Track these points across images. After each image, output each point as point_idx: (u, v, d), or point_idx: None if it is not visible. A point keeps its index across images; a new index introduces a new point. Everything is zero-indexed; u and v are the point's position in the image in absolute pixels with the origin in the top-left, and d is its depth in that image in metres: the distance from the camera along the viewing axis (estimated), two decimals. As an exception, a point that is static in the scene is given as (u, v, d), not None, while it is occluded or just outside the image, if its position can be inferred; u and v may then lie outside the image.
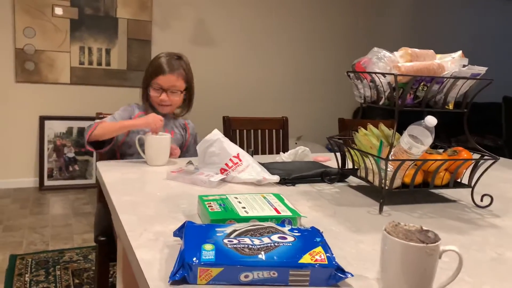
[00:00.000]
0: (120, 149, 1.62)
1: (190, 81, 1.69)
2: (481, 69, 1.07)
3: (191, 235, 0.71)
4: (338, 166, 1.27)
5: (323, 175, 1.28)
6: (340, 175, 1.28)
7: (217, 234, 0.70)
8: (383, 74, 1.04)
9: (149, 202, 1.01)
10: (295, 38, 4.33)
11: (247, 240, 0.69)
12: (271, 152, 2.25)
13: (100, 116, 1.82)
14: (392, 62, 1.07)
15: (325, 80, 4.51)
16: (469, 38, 5.13)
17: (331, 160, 1.55)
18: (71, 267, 2.19)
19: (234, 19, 4.04)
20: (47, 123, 3.53)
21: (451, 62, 1.08)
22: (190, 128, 1.79)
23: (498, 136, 3.85)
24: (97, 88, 3.66)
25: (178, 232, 0.77)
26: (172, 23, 3.83)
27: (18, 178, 3.51)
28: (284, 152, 1.60)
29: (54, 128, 3.55)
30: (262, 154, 2.23)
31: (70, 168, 3.62)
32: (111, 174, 1.26)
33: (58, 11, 3.43)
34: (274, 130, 2.29)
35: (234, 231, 0.72)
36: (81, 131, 3.63)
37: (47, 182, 3.53)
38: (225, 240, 0.68)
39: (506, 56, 5.48)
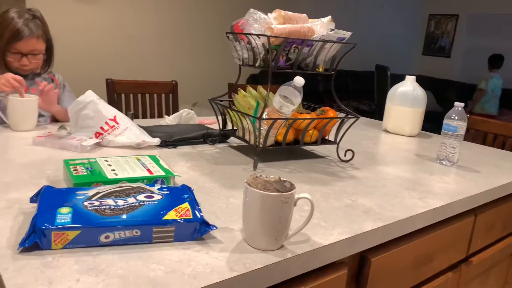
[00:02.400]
0: None
1: (50, 38, 1.55)
2: (346, 33, 1.15)
3: (47, 199, 0.66)
4: (219, 127, 1.29)
5: (205, 137, 1.29)
6: (221, 136, 1.30)
7: (77, 197, 0.67)
8: (258, 35, 1.06)
9: (7, 168, 0.91)
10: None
11: (110, 202, 0.67)
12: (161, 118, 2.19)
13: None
14: (266, 24, 1.09)
15: (221, 46, 4.48)
16: (347, 13, 5.50)
17: (216, 123, 1.57)
18: None
19: (120, -25, 3.74)
20: None
21: (320, 26, 1.14)
22: (59, 79, 1.66)
23: (373, 102, 4.28)
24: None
25: (35, 198, 0.71)
26: (47, -25, 3.41)
27: None
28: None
29: None
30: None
31: None
32: (-36, 141, 1.12)
33: None
34: (163, 95, 2.23)
35: (98, 193, 0.69)
36: None
37: None
38: (85, 203, 0.65)
39: (383, 30, 6.02)
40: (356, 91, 4.89)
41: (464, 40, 6.09)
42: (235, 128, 1.25)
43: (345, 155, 1.19)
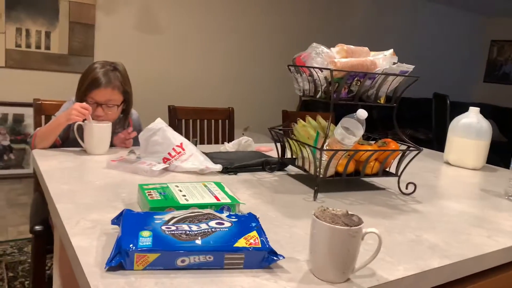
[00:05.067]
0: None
1: (128, 92, 1.56)
2: (409, 67, 1.15)
3: (129, 222, 0.72)
4: (278, 155, 1.32)
5: (263, 164, 1.33)
6: (279, 164, 1.33)
7: (155, 221, 0.72)
8: (320, 69, 1.10)
9: (87, 191, 1.00)
10: (243, 29, 4.34)
11: (185, 227, 0.71)
12: (217, 142, 2.27)
13: (38, 102, 1.74)
14: (329, 58, 1.12)
15: (272, 73, 4.58)
16: (406, 39, 5.43)
17: (272, 150, 1.60)
18: (5, 260, 2.09)
19: (181, 6, 3.97)
20: (-22, 108, 3.30)
21: (383, 59, 1.15)
22: (133, 121, 1.67)
23: (430, 130, 4.15)
24: (35, 72, 3.46)
25: (116, 220, 0.77)
26: (117, 8, 3.69)
27: None
28: (228, 142, 1.63)
29: (-14, 114, 3.33)
30: (208, 144, 2.24)
31: (5, 157, 3.41)
32: (48, 162, 1.23)
33: (-10, -12, 3.19)
34: (220, 121, 2.31)
35: (173, 218, 0.74)
36: (17, 118, 3.42)
37: (-22, 172, 3.31)
38: (163, 227, 0.70)
39: (441, 56, 5.86)
40: (411, 118, 4.77)
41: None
42: (294, 157, 1.28)
43: (406, 188, 1.18)
